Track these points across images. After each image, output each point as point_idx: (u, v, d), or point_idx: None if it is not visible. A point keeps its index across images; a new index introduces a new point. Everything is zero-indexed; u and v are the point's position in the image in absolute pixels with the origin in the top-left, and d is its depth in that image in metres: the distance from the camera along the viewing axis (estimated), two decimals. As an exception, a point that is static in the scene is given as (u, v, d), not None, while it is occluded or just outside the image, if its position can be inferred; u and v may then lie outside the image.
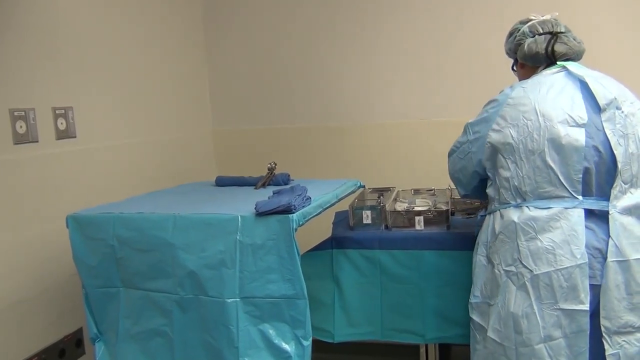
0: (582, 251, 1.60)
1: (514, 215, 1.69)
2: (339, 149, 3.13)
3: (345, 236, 2.16)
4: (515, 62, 1.94)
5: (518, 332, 1.66)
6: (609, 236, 1.60)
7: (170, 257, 1.67)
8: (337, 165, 3.12)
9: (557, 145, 1.63)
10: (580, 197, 1.62)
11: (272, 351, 1.62)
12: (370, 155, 3.09)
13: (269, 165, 2.23)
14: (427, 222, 2.16)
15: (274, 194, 1.79)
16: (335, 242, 2.15)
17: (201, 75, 3.26)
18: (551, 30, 1.82)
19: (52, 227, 2.02)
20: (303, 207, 1.68)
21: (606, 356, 1.59)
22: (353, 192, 2.23)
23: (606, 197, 1.63)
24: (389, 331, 2.14)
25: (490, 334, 1.72)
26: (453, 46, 2.91)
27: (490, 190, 1.81)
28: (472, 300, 1.81)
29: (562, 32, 1.81)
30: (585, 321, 1.60)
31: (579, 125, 1.62)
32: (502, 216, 1.73)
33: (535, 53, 1.81)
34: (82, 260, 1.79)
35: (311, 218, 1.71)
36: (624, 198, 1.62)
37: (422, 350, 2.22)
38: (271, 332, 1.62)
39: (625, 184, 1.62)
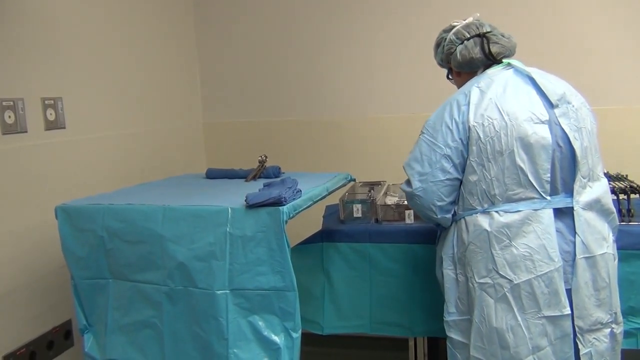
0: (558, 253, 1.59)
1: (483, 222, 1.62)
2: (330, 143, 3.13)
3: (335, 229, 2.16)
4: (450, 71, 1.90)
5: (504, 348, 1.61)
6: (575, 234, 1.60)
7: (159, 249, 1.67)
8: (328, 159, 3.12)
9: (525, 144, 1.58)
10: (548, 197, 1.60)
11: (262, 343, 1.62)
12: (361, 149, 3.09)
13: (259, 157, 2.22)
14: (417, 216, 2.17)
15: (264, 186, 1.79)
16: (325, 235, 2.16)
17: (192, 68, 3.25)
18: (478, 33, 1.77)
19: (41, 218, 2.01)
20: (293, 199, 1.68)
21: (580, 356, 1.60)
22: (344, 185, 2.23)
23: (570, 193, 1.62)
24: (378, 324, 2.15)
25: (473, 352, 1.66)
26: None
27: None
28: (448, 318, 1.74)
29: (489, 32, 1.77)
30: (569, 325, 1.60)
31: (542, 122, 1.60)
32: (468, 224, 1.66)
33: (469, 59, 1.76)
34: (71, 251, 1.78)
35: (301, 211, 1.71)
36: (584, 193, 1.62)
37: (411, 343, 2.24)
38: (261, 324, 1.62)
39: (584, 178, 1.62)
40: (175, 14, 3.09)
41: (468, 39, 1.77)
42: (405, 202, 2.24)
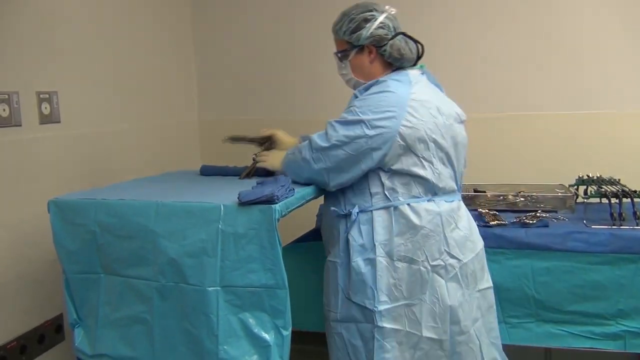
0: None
1: (435, 207, 1.75)
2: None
3: (328, 228, 2.17)
4: (352, 49, 1.86)
5: (455, 323, 1.72)
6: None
7: (151, 245, 1.67)
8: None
9: (455, 142, 1.79)
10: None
11: (252, 340, 1.62)
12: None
13: (253, 155, 2.22)
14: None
15: (257, 184, 1.79)
16: (318, 234, 2.16)
17: (189, 65, 3.25)
18: (401, 31, 1.84)
19: (33, 212, 2.01)
20: (286, 197, 1.68)
21: None
22: (337, 184, 2.23)
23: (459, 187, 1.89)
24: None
25: (425, 333, 1.73)
26: (439, 43, 2.92)
27: (386, 183, 1.75)
28: (380, 307, 1.72)
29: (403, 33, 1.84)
30: (492, 296, 1.80)
31: (461, 122, 1.84)
32: (417, 210, 1.73)
33: (411, 58, 1.84)
34: (63, 245, 1.78)
35: (294, 209, 1.71)
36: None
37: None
38: (251, 321, 1.62)
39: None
40: (173, 10, 3.09)
41: (398, 33, 1.81)
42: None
